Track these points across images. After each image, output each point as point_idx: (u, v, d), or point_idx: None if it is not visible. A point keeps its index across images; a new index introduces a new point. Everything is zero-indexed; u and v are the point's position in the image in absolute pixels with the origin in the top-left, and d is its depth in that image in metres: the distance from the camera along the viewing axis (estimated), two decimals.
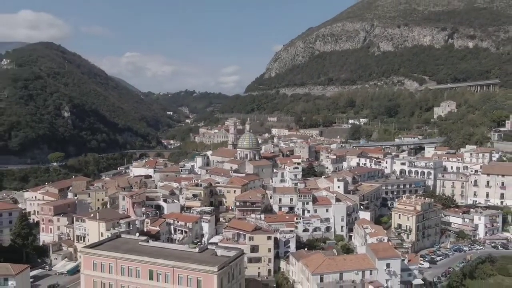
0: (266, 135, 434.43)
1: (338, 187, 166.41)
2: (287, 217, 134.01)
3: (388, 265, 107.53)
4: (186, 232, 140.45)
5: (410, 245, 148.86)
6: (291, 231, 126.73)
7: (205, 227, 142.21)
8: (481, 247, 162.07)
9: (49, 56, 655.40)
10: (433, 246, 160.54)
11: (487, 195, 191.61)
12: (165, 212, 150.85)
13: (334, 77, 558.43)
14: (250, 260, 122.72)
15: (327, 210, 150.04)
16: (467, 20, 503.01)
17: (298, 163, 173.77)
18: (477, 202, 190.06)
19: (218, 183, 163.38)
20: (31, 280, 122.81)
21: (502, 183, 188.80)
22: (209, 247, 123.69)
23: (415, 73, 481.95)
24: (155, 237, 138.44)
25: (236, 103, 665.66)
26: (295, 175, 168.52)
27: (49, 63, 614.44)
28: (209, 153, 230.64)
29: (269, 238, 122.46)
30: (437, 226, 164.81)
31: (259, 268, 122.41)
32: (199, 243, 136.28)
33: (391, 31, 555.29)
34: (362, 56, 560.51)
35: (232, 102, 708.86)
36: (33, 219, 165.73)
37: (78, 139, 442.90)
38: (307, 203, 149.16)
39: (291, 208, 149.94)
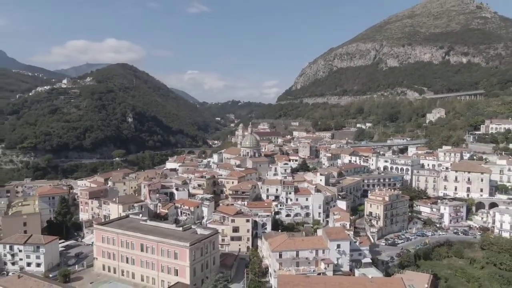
0: (288, 136, 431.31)
1: (320, 180, 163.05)
2: (266, 203, 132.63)
3: (338, 246, 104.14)
4: (189, 214, 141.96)
5: (376, 230, 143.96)
6: (267, 216, 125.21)
7: (205, 210, 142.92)
8: (443, 233, 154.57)
9: (122, 74, 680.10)
10: (400, 231, 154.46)
11: (456, 189, 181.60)
12: (176, 198, 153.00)
13: (348, 89, 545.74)
14: (233, 238, 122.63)
15: (306, 199, 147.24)
16: (462, 40, 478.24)
17: (288, 160, 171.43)
18: (446, 195, 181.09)
19: (221, 175, 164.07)
20: (63, 248, 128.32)
21: (468, 179, 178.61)
22: (209, 225, 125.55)
23: (416, 85, 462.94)
24: (164, 217, 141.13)
25: (268, 111, 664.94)
26: (285, 170, 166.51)
27: (121, 80, 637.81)
28: (223, 151, 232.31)
29: (247, 220, 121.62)
30: (404, 214, 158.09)
31: (239, 245, 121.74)
32: (198, 223, 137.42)
33: (396, 49, 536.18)
34: (372, 71, 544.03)
35: (265, 110, 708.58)
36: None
37: (138, 139, 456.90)
38: (290, 193, 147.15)
39: (277, 197, 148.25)
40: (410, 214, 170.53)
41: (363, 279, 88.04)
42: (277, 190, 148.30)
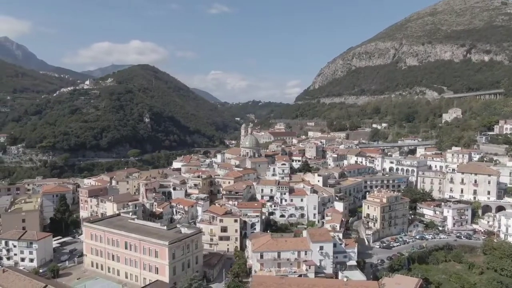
0: (303, 136, 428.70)
1: (318, 181, 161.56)
2: (255, 204, 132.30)
3: (321, 248, 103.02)
4: (183, 213, 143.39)
5: (371, 232, 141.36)
6: (257, 216, 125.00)
7: (199, 210, 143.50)
8: (444, 237, 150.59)
9: (142, 75, 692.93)
10: (400, 234, 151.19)
11: (462, 191, 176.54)
12: (172, 197, 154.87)
13: (365, 88, 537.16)
14: (221, 238, 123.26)
15: (301, 200, 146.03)
16: (484, 37, 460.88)
17: (291, 161, 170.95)
18: (452, 197, 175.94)
19: (218, 175, 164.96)
20: (59, 245, 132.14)
21: (475, 181, 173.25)
22: (199, 225, 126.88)
23: (435, 84, 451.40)
24: (159, 216, 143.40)
25: (286, 111, 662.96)
26: (283, 170, 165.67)
27: (141, 81, 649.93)
28: (225, 151, 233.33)
29: (236, 221, 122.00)
30: (404, 216, 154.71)
31: (228, 245, 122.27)
32: (192, 223, 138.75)
33: (416, 48, 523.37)
34: (391, 70, 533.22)
35: (283, 110, 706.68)
36: None
37: (155, 139, 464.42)
38: (284, 193, 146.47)
39: (271, 197, 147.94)
40: (412, 216, 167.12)
41: (338, 282, 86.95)
42: (271, 190, 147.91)
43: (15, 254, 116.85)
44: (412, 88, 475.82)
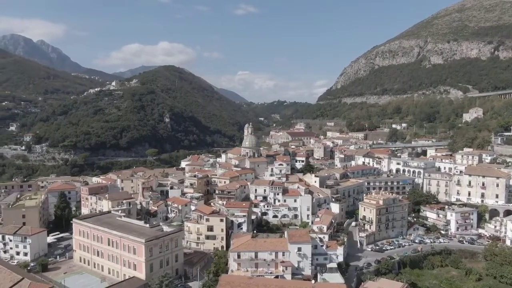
0: (321, 136, 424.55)
1: (315, 181, 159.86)
2: (244, 204, 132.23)
3: (299, 249, 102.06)
4: (177, 212, 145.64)
5: (365, 235, 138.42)
6: (244, 216, 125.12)
7: (193, 209, 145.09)
8: (445, 241, 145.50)
9: (166, 76, 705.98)
10: (398, 237, 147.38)
11: (469, 194, 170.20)
12: (169, 196, 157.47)
13: (388, 88, 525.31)
14: (208, 237, 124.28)
15: (295, 201, 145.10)
16: None
17: (282, 161, 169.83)
18: (459, 200, 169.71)
19: (215, 174, 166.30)
20: (55, 240, 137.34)
21: (483, 183, 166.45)
22: (187, 223, 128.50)
23: (460, 83, 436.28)
24: (153, 214, 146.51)
25: (307, 111, 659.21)
26: (280, 170, 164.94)
27: (165, 81, 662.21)
28: (229, 151, 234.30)
29: (221, 220, 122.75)
30: (403, 219, 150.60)
31: (214, 244, 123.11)
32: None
33: (441, 46, 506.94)
34: (414, 69, 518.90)
35: (304, 110, 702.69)
36: None
37: (174, 138, 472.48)
38: (278, 194, 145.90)
39: (265, 198, 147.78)
40: (415, 219, 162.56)
41: (306, 284, 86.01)
42: (265, 190, 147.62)
43: (11, 248, 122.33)
44: (436, 87, 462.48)
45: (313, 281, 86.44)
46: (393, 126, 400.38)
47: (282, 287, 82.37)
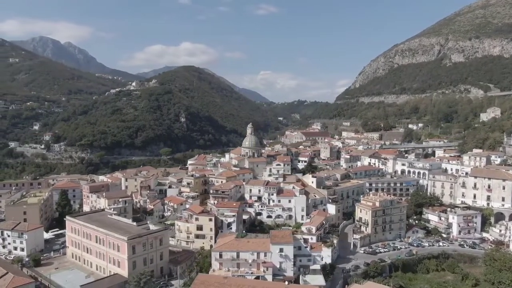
0: (336, 136, 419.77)
1: (312, 182, 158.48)
2: (234, 204, 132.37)
3: (281, 250, 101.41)
4: (172, 211, 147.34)
5: (359, 237, 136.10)
6: (233, 215, 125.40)
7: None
8: (445, 244, 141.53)
9: (185, 76, 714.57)
10: (395, 239, 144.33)
11: (474, 197, 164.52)
12: (167, 195, 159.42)
13: (407, 87, 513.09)
14: (197, 236, 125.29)
15: (289, 201, 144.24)
16: None
17: (281, 161, 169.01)
18: (463, 203, 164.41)
19: (213, 174, 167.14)
20: (53, 236, 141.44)
21: (489, 186, 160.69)
22: (177, 222, 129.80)
23: (481, 81, 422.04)
24: (149, 213, 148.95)
25: (324, 110, 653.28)
26: (277, 171, 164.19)
27: (183, 81, 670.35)
28: (231, 150, 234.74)
29: (210, 219, 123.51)
30: (401, 221, 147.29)
31: (203, 243, 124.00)
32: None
33: (462, 43, 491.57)
34: (434, 67, 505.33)
35: (321, 109, 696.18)
36: None
37: (189, 138, 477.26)
38: (272, 194, 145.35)
39: (260, 198, 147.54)
40: (416, 222, 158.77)
41: (279, 285, 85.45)
42: (259, 191, 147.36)
43: (9, 243, 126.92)
44: (456, 86, 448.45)
45: (287, 283, 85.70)
46: (409, 126, 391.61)
47: (255, 287, 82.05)
